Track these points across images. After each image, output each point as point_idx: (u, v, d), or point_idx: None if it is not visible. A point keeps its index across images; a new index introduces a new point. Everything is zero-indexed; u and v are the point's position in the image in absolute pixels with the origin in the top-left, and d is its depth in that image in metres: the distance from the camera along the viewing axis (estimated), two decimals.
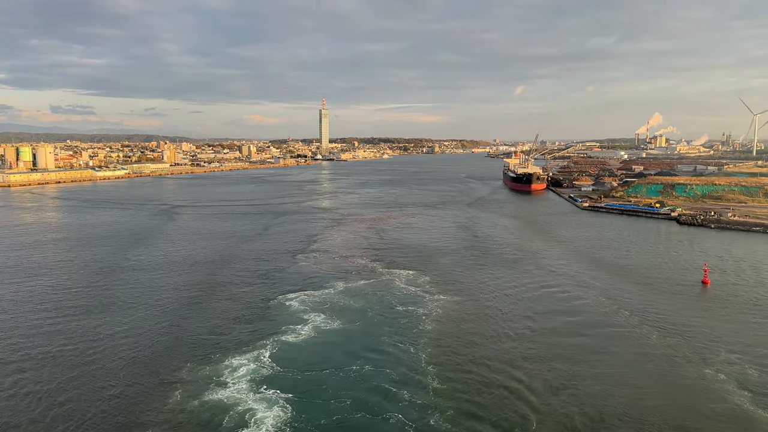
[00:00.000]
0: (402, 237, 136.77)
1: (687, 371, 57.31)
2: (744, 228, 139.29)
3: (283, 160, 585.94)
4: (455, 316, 74.80)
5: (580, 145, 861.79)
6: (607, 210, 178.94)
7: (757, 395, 51.33)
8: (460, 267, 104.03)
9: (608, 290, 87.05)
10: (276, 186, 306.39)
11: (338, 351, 63.36)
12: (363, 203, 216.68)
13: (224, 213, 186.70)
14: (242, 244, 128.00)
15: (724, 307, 78.05)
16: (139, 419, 48.42)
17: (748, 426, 46.43)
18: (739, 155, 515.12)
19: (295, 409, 49.68)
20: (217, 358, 61.03)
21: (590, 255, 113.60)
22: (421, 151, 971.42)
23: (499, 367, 58.56)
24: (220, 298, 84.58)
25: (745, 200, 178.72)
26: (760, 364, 58.12)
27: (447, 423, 47.17)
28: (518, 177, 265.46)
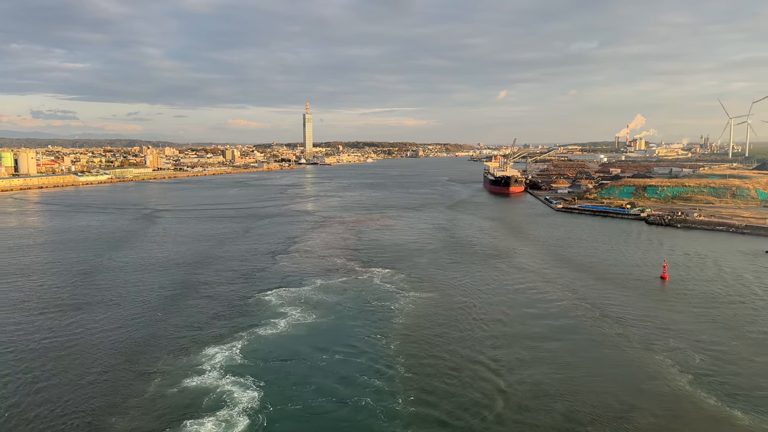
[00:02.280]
0: (381, 238, 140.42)
1: (638, 357, 61.57)
2: (708, 227, 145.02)
3: (266, 164, 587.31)
4: (427, 311, 78.48)
5: (562, 149, 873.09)
6: (580, 211, 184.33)
7: (697, 378, 55.74)
8: (436, 266, 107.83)
9: (574, 285, 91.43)
10: (259, 190, 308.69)
11: (312, 343, 66.79)
12: (344, 206, 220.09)
13: (207, 216, 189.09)
14: (223, 246, 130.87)
15: (679, 300, 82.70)
16: (118, 405, 51.49)
17: (685, 404, 50.58)
18: (716, 158, 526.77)
19: (268, 396, 52.98)
20: (195, 350, 64.30)
21: (559, 253, 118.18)
22: (405, 155, 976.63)
23: (466, 356, 62.30)
24: (200, 296, 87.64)
25: (712, 201, 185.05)
26: (703, 350, 62.59)
27: (412, 407, 50.55)
28: (497, 180, 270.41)
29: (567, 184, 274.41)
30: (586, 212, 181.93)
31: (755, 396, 51.73)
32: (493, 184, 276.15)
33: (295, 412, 50.27)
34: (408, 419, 48.36)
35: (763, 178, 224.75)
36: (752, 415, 48.19)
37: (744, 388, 53.22)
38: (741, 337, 66.48)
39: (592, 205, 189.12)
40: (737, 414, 48.42)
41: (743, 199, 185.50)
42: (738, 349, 63.04)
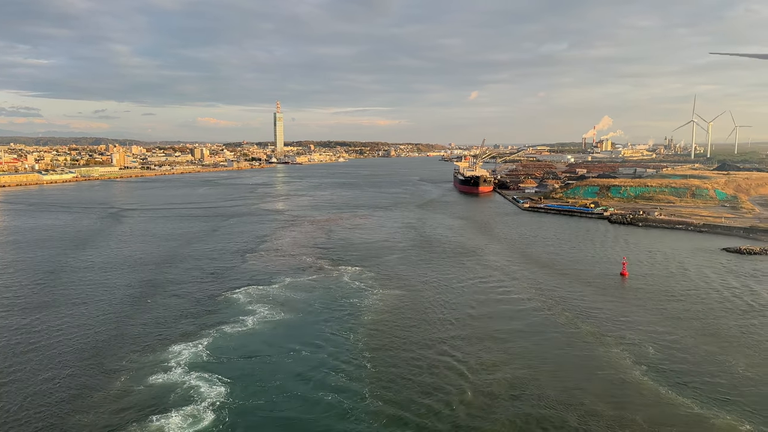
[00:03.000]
0: (351, 237, 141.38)
1: (596, 349, 63.94)
2: (668, 226, 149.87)
3: (236, 163, 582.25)
4: (396, 308, 79.78)
5: (531, 149, 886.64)
6: (546, 210, 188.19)
7: (650, 368, 58.28)
8: (405, 264, 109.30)
9: (538, 282, 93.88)
10: (228, 189, 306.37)
11: (279, 340, 67.48)
12: (315, 205, 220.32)
13: (174, 215, 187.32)
14: (191, 245, 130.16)
15: (637, 295, 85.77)
16: (83, 403, 51.46)
17: (637, 392, 52.89)
18: (679, 158, 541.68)
19: (234, 392, 53.54)
20: (161, 348, 64.44)
21: (525, 251, 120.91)
22: (377, 154, 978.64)
23: (434, 350, 63.75)
24: (168, 295, 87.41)
25: (673, 200, 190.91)
26: (657, 342, 65.30)
27: (379, 401, 51.67)
28: (467, 180, 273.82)
29: (534, 184, 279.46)
30: (551, 211, 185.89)
31: (703, 384, 54.36)
32: (462, 184, 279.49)
33: (261, 407, 50.99)
34: (374, 413, 49.39)
35: (722, 178, 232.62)
36: (700, 402, 50.70)
37: (692, 378, 55.85)
38: (693, 330, 69.46)
39: (557, 205, 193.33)
40: (686, 401, 50.87)
41: (702, 198, 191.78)
42: (689, 341, 65.93)
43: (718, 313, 76.50)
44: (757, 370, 57.84)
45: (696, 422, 47.44)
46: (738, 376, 56.50)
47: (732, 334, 68.36)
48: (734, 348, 63.85)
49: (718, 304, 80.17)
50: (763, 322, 72.13)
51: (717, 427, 46.59)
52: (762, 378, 55.84)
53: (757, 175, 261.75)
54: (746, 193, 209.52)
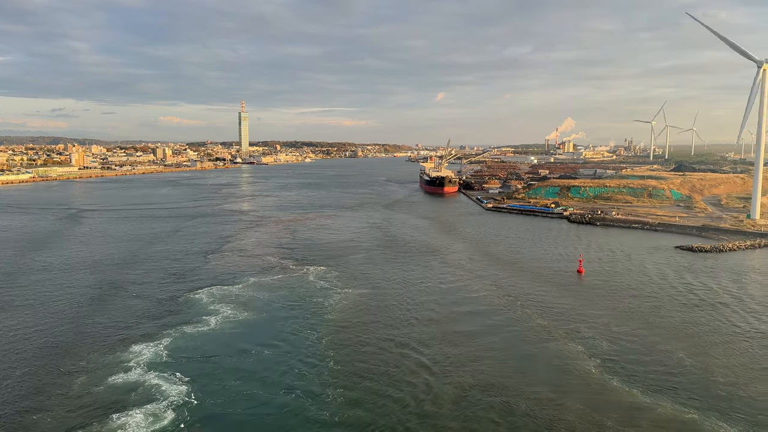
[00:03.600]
0: (317, 237, 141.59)
1: (552, 344, 65.96)
2: (625, 225, 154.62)
3: (200, 163, 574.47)
4: (359, 307, 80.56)
5: (496, 150, 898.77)
6: (508, 210, 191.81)
7: (603, 362, 60.50)
8: (370, 263, 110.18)
9: (499, 280, 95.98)
10: (191, 189, 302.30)
11: (242, 339, 67.57)
12: (280, 206, 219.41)
13: (136, 216, 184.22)
14: (153, 246, 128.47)
15: (592, 292, 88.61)
16: (41, 404, 50.84)
17: (591, 385, 54.95)
18: (638, 160, 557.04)
19: (195, 391, 53.53)
20: (122, 348, 63.89)
21: (487, 250, 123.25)
22: (344, 155, 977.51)
23: (397, 348, 64.75)
24: (128, 296, 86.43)
25: (631, 200, 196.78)
26: (610, 337, 67.74)
27: (341, 398, 52.28)
28: (432, 180, 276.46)
29: (498, 184, 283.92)
30: (514, 211, 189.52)
31: (651, 377, 56.74)
32: (428, 185, 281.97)
33: (222, 405, 51.14)
34: (336, 411, 49.91)
35: (678, 178, 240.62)
36: (648, 393, 52.94)
37: (642, 370, 58.21)
38: (645, 325, 72.22)
39: (519, 205, 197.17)
40: (635, 392, 53.08)
41: (659, 198, 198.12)
42: (641, 336, 68.55)
43: (668, 307, 79.69)
44: (699, 359, 60.73)
45: (641, 409, 49.56)
46: (681, 365, 59.22)
47: (680, 327, 71.34)
48: (680, 340, 66.74)
49: (669, 299, 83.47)
50: (710, 316, 75.43)
51: (660, 414, 48.81)
52: (702, 366, 58.65)
53: (711, 175, 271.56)
54: (700, 193, 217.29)
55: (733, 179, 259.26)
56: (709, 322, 73.33)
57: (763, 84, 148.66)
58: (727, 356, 61.91)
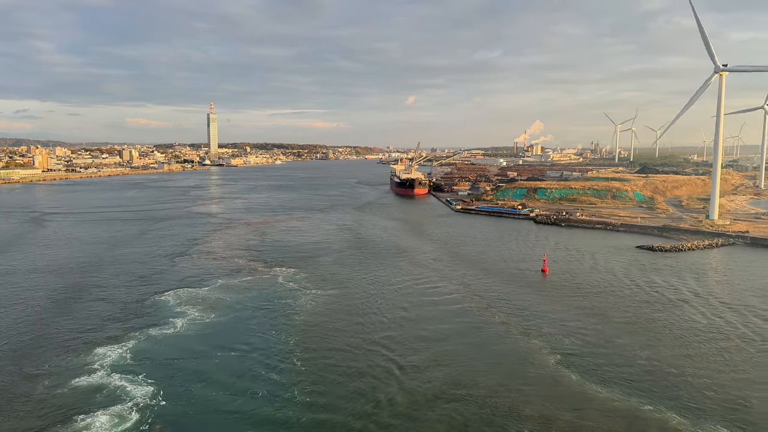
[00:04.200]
0: (286, 239, 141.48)
1: (517, 341, 67.69)
2: (589, 226, 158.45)
3: (167, 165, 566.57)
4: (328, 308, 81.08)
5: (466, 153, 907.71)
6: (476, 212, 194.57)
7: (564, 357, 62.40)
8: (340, 264, 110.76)
9: (466, 280, 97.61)
10: (158, 192, 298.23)
11: (209, 341, 67.53)
12: (249, 208, 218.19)
13: (101, 219, 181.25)
14: (119, 249, 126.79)
15: (555, 290, 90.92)
16: (2, 407, 50.19)
17: (551, 380, 56.72)
18: (604, 162, 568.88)
19: (160, 392, 53.52)
20: (86, 351, 63.36)
21: (455, 251, 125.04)
22: (315, 157, 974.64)
23: (364, 348, 65.54)
24: (93, 299, 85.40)
25: (595, 202, 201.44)
26: (571, 334, 69.77)
27: (307, 398, 52.80)
28: (402, 182, 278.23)
29: (467, 186, 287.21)
30: (482, 213, 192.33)
31: (607, 369, 58.82)
32: (398, 186, 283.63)
33: (188, 407, 51.26)
34: (301, 411, 50.20)
35: (641, 180, 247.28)
36: (604, 385, 54.91)
37: (601, 365, 60.21)
38: (605, 322, 74.56)
39: (487, 206, 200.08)
40: (593, 386, 54.96)
41: (622, 200, 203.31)
42: (601, 332, 70.77)
43: (627, 304, 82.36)
44: (653, 352, 63.18)
45: (596, 400, 51.44)
46: (636, 359, 61.57)
47: (637, 322, 73.89)
48: (636, 334, 69.21)
49: (628, 297, 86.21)
50: (666, 312, 78.23)
51: (614, 405, 50.69)
52: (656, 359, 61.05)
53: (673, 177, 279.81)
54: (662, 195, 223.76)
55: (695, 181, 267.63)
56: (665, 317, 76.05)
57: (720, 90, 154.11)
58: (679, 349, 64.45)
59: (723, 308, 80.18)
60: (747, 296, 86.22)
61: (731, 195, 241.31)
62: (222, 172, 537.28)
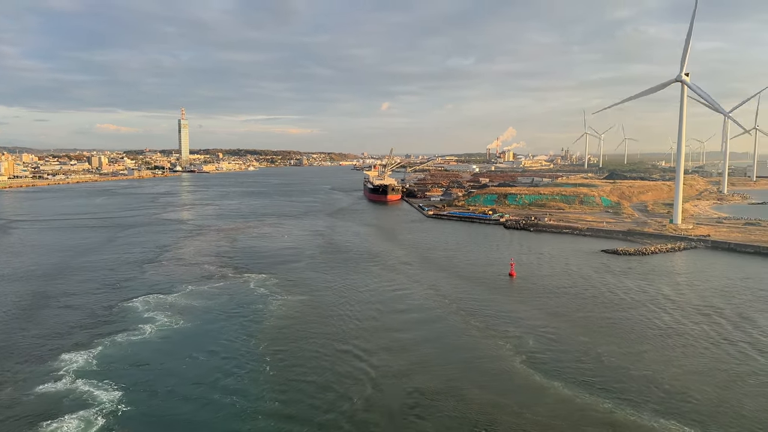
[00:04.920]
0: (258, 245, 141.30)
1: (483, 343, 69.14)
2: (556, 230, 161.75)
3: (137, 171, 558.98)
4: (299, 313, 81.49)
5: (440, 159, 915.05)
6: (448, 217, 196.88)
7: (528, 358, 64.04)
8: (312, 270, 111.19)
9: (436, 284, 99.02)
10: (128, 198, 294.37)
11: (177, 346, 67.46)
12: (220, 214, 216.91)
13: (69, 226, 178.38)
14: (87, 256, 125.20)
15: (521, 293, 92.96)
16: None
17: (516, 380, 58.29)
18: (573, 168, 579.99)
19: (127, 398, 53.37)
20: (52, 358, 62.78)
21: (426, 255, 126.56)
22: (288, 163, 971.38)
23: (334, 352, 65.99)
24: (59, 306, 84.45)
25: (563, 207, 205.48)
26: (536, 335, 71.55)
27: (276, 403, 53.06)
28: (376, 188, 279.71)
29: (440, 192, 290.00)
30: (453, 218, 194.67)
31: (571, 370, 60.55)
32: (372, 193, 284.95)
33: (156, 413, 51.26)
34: (270, 416, 50.38)
35: (608, 186, 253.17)
36: (568, 386, 56.56)
37: (565, 365, 61.96)
38: (568, 322, 76.62)
39: (459, 212, 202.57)
40: (556, 385, 56.63)
41: (589, 205, 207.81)
42: (565, 332, 72.73)
43: (591, 306, 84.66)
44: (615, 352, 65.11)
45: (562, 401, 53.06)
46: (599, 359, 63.40)
47: (600, 323, 76.10)
48: (600, 335, 71.31)
49: (592, 299, 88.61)
50: (628, 313, 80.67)
51: (577, 404, 52.39)
52: (618, 359, 62.97)
53: (640, 183, 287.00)
54: (629, 200, 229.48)
55: (661, 186, 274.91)
56: (627, 318, 78.45)
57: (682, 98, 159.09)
58: (641, 349, 66.61)
59: (682, 308, 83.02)
60: (706, 296, 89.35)
61: (696, 200, 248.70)
62: (193, 178, 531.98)
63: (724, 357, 64.31)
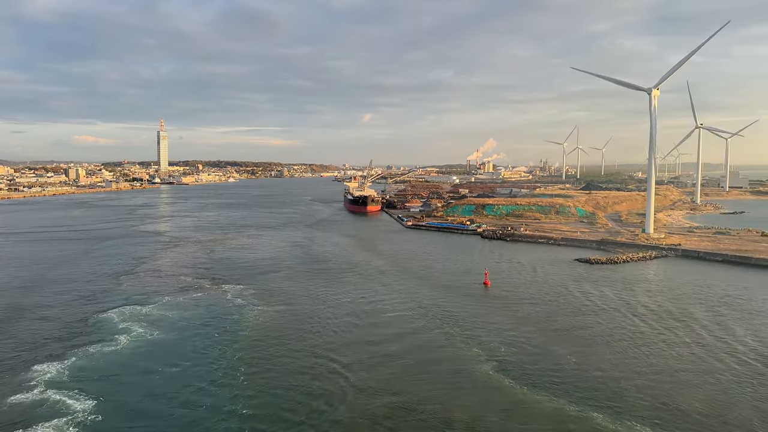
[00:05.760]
0: (236, 256, 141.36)
1: (457, 350, 70.40)
2: (532, 240, 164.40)
3: (115, 183, 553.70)
4: (276, 323, 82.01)
5: (421, 170, 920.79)
6: (427, 228, 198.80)
7: (500, 364, 65.52)
8: (290, 280, 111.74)
9: (413, 293, 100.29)
10: (105, 210, 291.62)
11: (152, 357, 67.67)
12: (198, 226, 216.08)
13: (44, 239, 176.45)
14: (62, 268, 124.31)
15: (495, 301, 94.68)
16: None
17: (488, 386, 59.61)
18: (552, 179, 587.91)
19: (100, 408, 53.61)
20: (24, 369, 62.71)
21: (403, 265, 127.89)
22: (269, 174, 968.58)
23: (310, 360, 66.78)
24: (33, 318, 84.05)
25: (539, 217, 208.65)
26: (508, 342, 73.07)
27: (250, 411, 53.72)
28: (355, 199, 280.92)
29: (420, 203, 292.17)
30: (432, 229, 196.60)
31: (540, 375, 62.14)
32: (351, 204, 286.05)
33: (127, 422, 51.60)
34: (241, 426, 50.73)
35: (584, 196, 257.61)
36: (535, 390, 58.12)
37: (535, 371, 63.49)
38: (539, 330, 78.32)
39: (437, 222, 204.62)
40: (525, 390, 58.09)
41: (565, 215, 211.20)
42: (535, 339, 74.39)
43: (562, 314, 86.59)
44: (583, 358, 66.86)
45: (527, 404, 54.54)
46: (566, 364, 65.07)
47: (570, 330, 77.97)
48: (569, 341, 73.14)
49: (563, 306, 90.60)
50: (598, 320, 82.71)
51: (544, 407, 53.91)
52: (585, 365, 64.70)
53: (615, 193, 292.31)
54: (603, 210, 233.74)
55: (635, 197, 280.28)
56: (597, 325, 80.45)
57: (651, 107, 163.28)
58: (608, 355, 68.43)
59: (649, 315, 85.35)
60: (673, 303, 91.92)
61: (669, 210, 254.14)
62: (172, 190, 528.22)
63: (682, 358, 66.58)
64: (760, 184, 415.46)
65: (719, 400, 55.48)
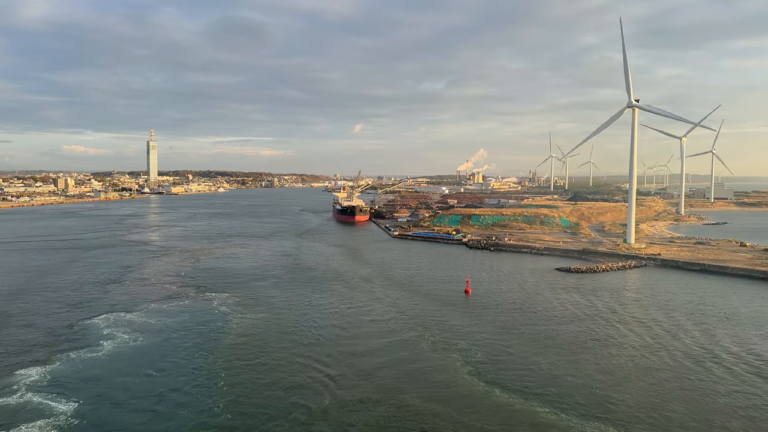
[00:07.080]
0: (223, 265, 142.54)
1: (436, 355, 72.25)
2: (515, 249, 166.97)
3: (104, 193, 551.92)
4: (259, 330, 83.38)
5: (411, 181, 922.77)
6: (413, 237, 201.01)
7: (476, 368, 67.45)
8: (276, 289, 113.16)
9: (397, 301, 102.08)
10: (93, 220, 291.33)
11: (135, 362, 68.97)
12: (187, 236, 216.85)
13: (32, 248, 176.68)
14: (48, 277, 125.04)
15: (475, 308, 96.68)
16: None
17: (463, 389, 61.45)
18: (540, 190, 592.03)
19: (82, 412, 54.94)
20: (9, 374, 63.82)
21: (388, 274, 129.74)
22: (260, 185, 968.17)
23: (291, 367, 68.19)
24: (19, 325, 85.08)
25: (524, 227, 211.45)
26: (485, 348, 75.04)
27: (229, 415, 55.07)
28: (344, 209, 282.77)
29: (408, 213, 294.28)
30: (418, 238, 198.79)
31: (514, 379, 64.09)
32: (340, 214, 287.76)
33: (106, 425, 52.80)
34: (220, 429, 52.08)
35: (569, 207, 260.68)
36: (509, 393, 60.03)
37: (508, 374, 65.46)
38: (516, 336, 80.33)
39: (424, 232, 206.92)
40: (496, 392, 60.06)
41: (549, 225, 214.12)
42: (512, 345, 76.38)
43: (541, 321, 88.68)
44: (560, 364, 68.88)
45: (502, 407, 56.39)
46: (542, 370, 67.06)
47: (548, 336, 80.00)
48: (547, 347, 75.16)
49: (542, 314, 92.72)
50: (576, 327, 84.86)
51: (517, 410, 55.79)
52: (561, 370, 66.71)
53: (600, 204, 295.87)
54: (588, 221, 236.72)
55: (620, 207, 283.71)
56: (574, 331, 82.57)
57: (633, 123, 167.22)
58: (584, 361, 70.50)
59: (623, 320, 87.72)
60: (650, 311, 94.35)
61: (653, 221, 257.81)
62: (161, 200, 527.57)
63: (656, 364, 68.81)
64: (745, 196, 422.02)
65: (697, 400, 57.65)
